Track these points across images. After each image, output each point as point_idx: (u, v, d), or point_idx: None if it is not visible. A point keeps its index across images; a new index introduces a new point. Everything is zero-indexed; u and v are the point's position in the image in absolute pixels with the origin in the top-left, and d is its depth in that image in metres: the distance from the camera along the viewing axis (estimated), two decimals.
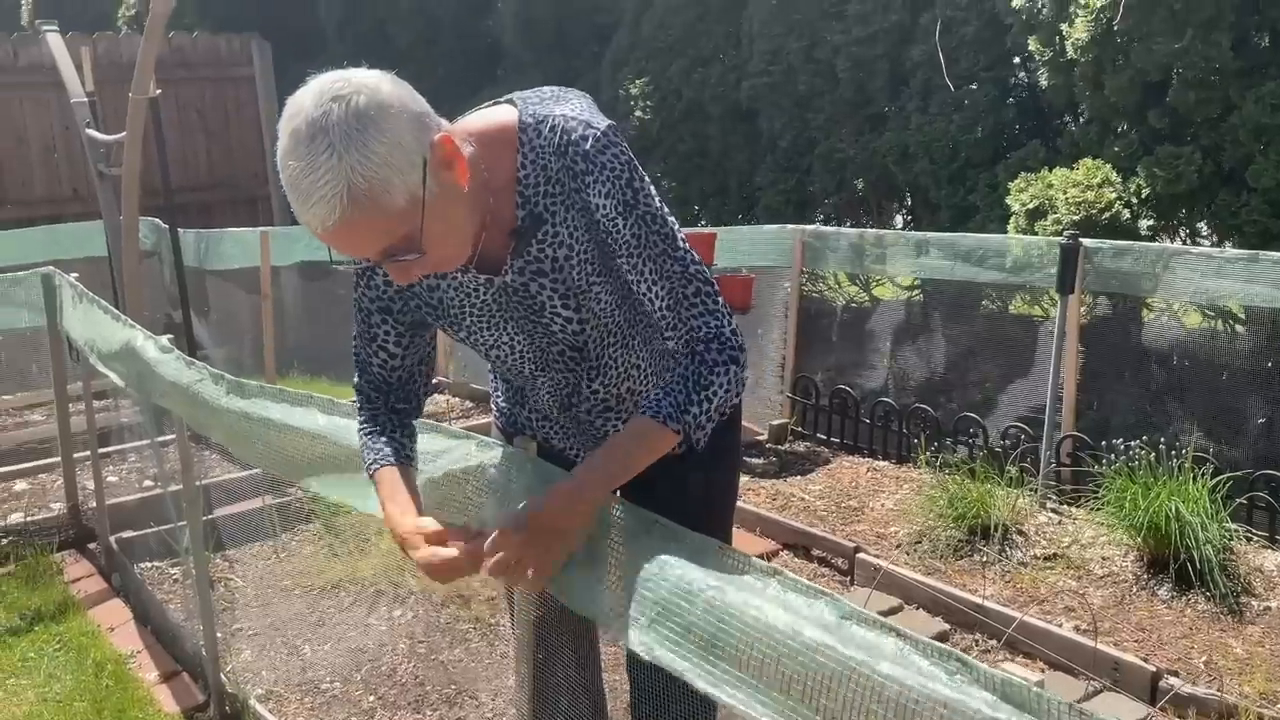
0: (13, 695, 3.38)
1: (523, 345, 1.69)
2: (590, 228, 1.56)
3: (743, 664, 1.37)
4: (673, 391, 1.53)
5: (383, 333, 1.71)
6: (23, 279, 4.24)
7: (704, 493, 1.86)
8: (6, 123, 8.08)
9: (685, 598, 1.42)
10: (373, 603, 3.83)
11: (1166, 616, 3.54)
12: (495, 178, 1.53)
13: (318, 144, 1.29)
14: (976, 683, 1.15)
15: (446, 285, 1.65)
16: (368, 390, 1.77)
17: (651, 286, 1.57)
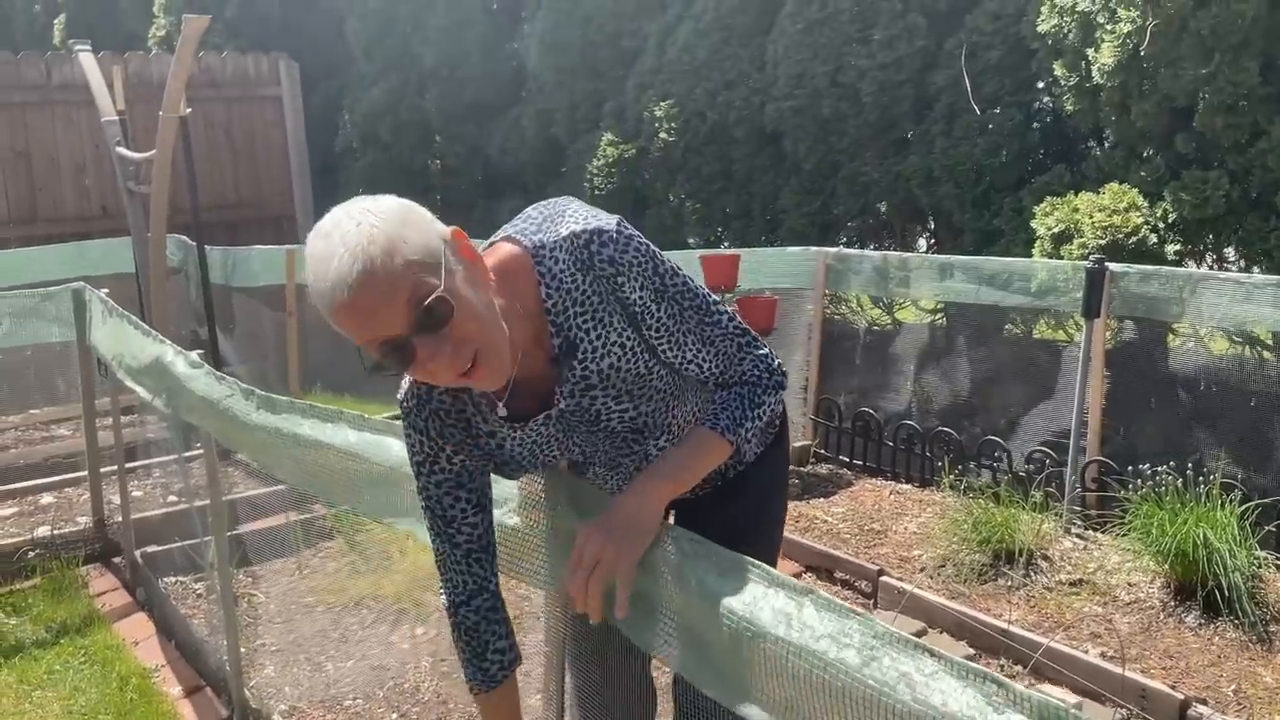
0: (38, 707, 3.40)
1: (587, 445, 1.72)
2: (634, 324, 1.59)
3: (777, 683, 1.38)
4: (729, 407, 1.65)
5: (458, 511, 1.71)
6: (54, 294, 4.29)
7: (754, 517, 1.88)
8: (39, 141, 8.18)
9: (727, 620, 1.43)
10: (395, 620, 3.83)
11: (1194, 644, 3.51)
12: (527, 306, 1.55)
13: (341, 225, 1.36)
14: (1012, 705, 1.15)
15: (511, 444, 1.67)
16: (453, 573, 1.77)
17: (698, 354, 1.65)
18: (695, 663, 1.54)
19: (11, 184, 8.07)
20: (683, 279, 1.60)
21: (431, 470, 1.68)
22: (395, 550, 4.29)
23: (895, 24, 5.87)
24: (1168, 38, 4.53)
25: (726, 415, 1.64)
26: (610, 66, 7.53)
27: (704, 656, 1.52)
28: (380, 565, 4.21)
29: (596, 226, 1.54)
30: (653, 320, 1.58)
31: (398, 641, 3.69)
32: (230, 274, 6.82)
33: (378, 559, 4.26)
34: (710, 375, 1.68)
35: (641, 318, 1.58)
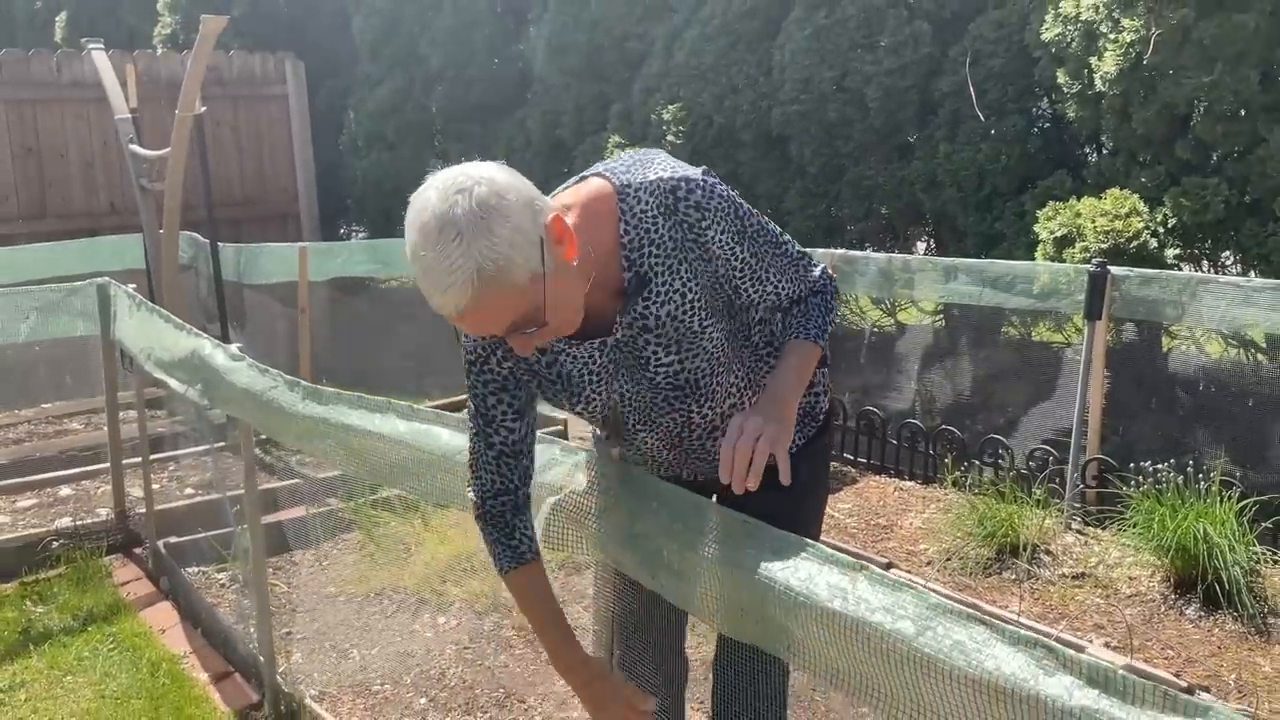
0: (71, 692, 3.48)
1: (631, 394, 1.81)
2: (700, 274, 1.70)
3: (830, 649, 1.48)
4: (813, 317, 1.84)
5: (500, 412, 1.80)
6: (79, 288, 4.37)
7: (801, 493, 1.97)
8: (48, 137, 8.24)
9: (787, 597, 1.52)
10: (416, 610, 3.92)
11: (1195, 635, 3.62)
12: (599, 243, 1.66)
13: (447, 234, 1.42)
14: (1063, 668, 1.25)
15: (565, 359, 1.77)
16: (485, 473, 1.85)
17: (778, 284, 1.81)
18: (751, 634, 1.64)
19: (21, 180, 8.13)
20: (758, 218, 1.75)
21: (482, 370, 1.78)
22: (413, 542, 4.38)
23: (901, 31, 5.98)
24: (1170, 47, 4.65)
25: (815, 326, 1.83)
26: (616, 69, 7.63)
27: (759, 631, 1.62)
28: (399, 557, 4.30)
29: (684, 175, 1.67)
30: (737, 261, 1.72)
31: (420, 630, 3.78)
32: (242, 271, 6.89)
33: (397, 550, 4.35)
34: (787, 299, 1.84)
35: (726, 259, 1.71)
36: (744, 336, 1.84)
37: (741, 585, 1.61)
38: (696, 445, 1.90)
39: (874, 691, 1.45)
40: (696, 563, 1.69)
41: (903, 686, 1.39)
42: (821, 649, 1.51)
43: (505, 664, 3.52)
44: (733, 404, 1.86)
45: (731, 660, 1.99)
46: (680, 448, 1.90)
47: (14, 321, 4.29)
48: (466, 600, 3.93)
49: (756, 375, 1.88)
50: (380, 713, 3.26)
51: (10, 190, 8.07)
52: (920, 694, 1.37)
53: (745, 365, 1.86)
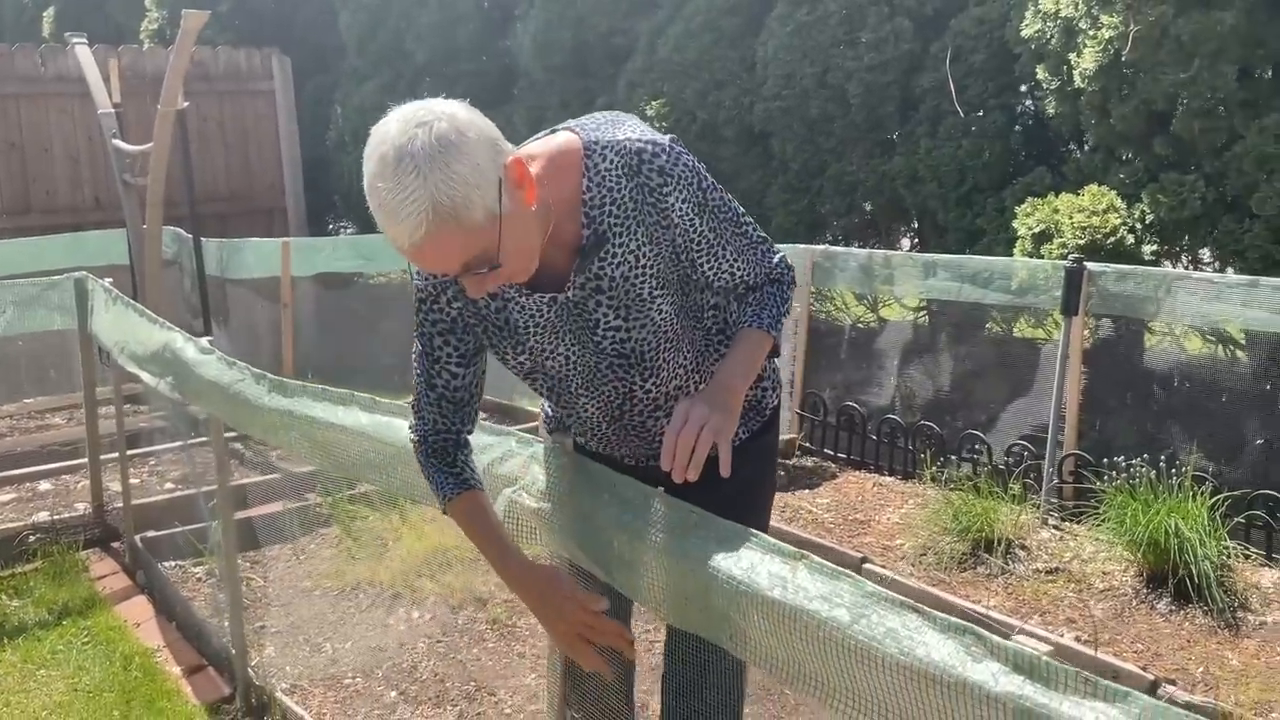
0: (44, 686, 3.48)
1: (575, 358, 1.80)
2: (658, 242, 1.70)
3: (770, 638, 1.49)
4: (767, 306, 1.83)
5: (445, 354, 1.80)
6: (57, 283, 4.37)
7: (746, 488, 1.97)
8: (33, 132, 8.23)
9: (729, 586, 1.53)
10: (391, 604, 3.93)
11: (1165, 629, 3.64)
12: (559, 197, 1.66)
13: (404, 166, 1.41)
14: (990, 654, 1.26)
15: (513, 307, 1.76)
16: (430, 412, 1.85)
17: (734, 264, 1.80)
18: (697, 623, 1.64)
19: (5, 175, 8.12)
20: (721, 194, 1.75)
21: (431, 308, 1.78)
22: (390, 537, 4.39)
23: (882, 27, 5.99)
24: (1148, 43, 4.66)
25: (768, 315, 1.82)
26: (601, 65, 7.63)
27: (703, 620, 1.63)
28: (376, 552, 4.31)
29: (651, 139, 1.68)
30: (695, 234, 1.72)
31: (394, 624, 3.79)
32: (225, 266, 6.89)
33: (373, 545, 4.35)
34: (744, 282, 1.83)
35: (682, 228, 1.70)
36: (696, 317, 1.83)
37: (687, 574, 1.62)
38: (637, 422, 1.89)
39: (811, 680, 1.46)
40: (644, 552, 1.70)
41: (838, 674, 1.40)
42: (762, 638, 1.52)
43: (477, 657, 3.53)
44: (678, 385, 1.86)
45: (681, 651, 2.00)
46: (621, 421, 1.89)
47: None
48: (441, 594, 3.94)
49: (705, 361, 1.88)
50: (350, 706, 3.27)
51: None
52: (855, 681, 1.38)
53: (695, 348, 1.86)
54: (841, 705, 1.42)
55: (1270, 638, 3.55)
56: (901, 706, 1.33)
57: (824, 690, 1.44)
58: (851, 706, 1.41)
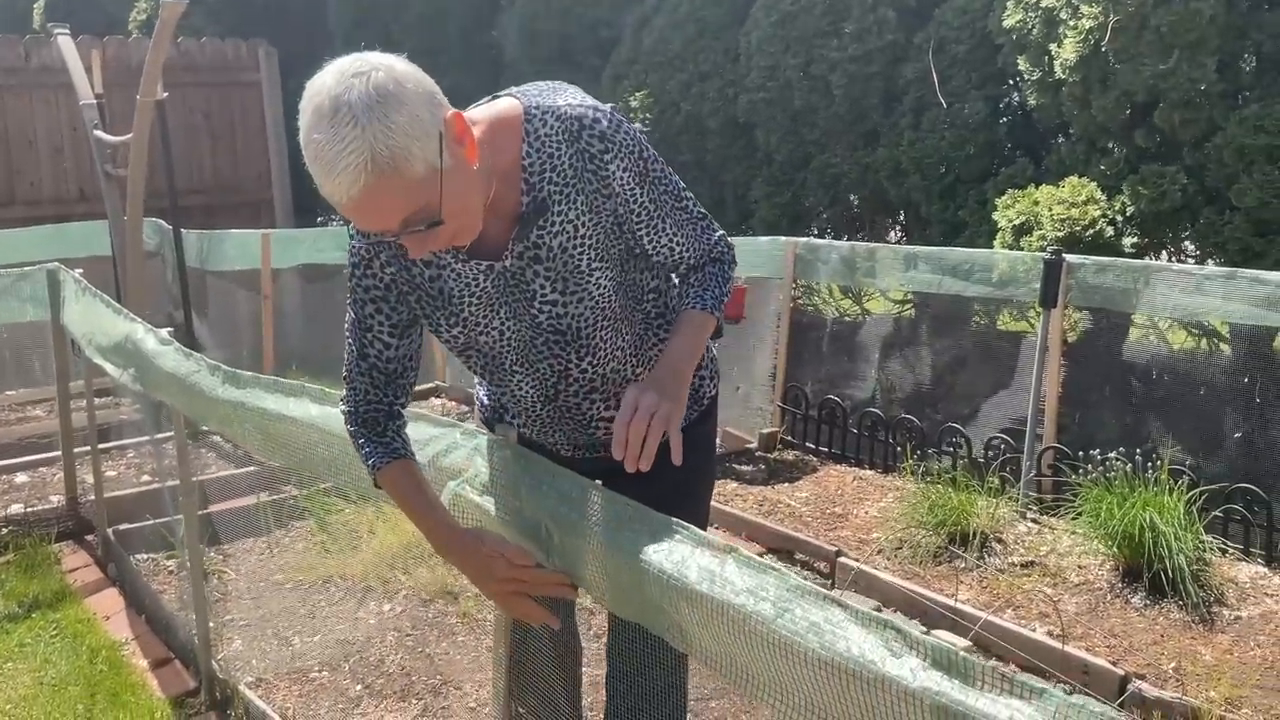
0: (9, 679, 3.46)
1: (511, 333, 1.76)
2: (598, 211, 1.66)
3: (703, 631, 1.47)
4: (709, 286, 1.80)
5: (376, 323, 1.76)
6: (29, 274, 4.34)
7: (685, 478, 1.94)
8: (16, 123, 8.19)
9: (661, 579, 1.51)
10: (362, 598, 3.91)
11: (1139, 624, 3.61)
12: (499, 162, 1.62)
13: (341, 117, 1.36)
14: (910, 649, 1.24)
15: (448, 275, 1.72)
16: (361, 382, 1.80)
17: (673, 238, 1.77)
18: (635, 614, 1.62)
19: None
20: (663, 166, 1.72)
21: (365, 274, 1.73)
22: (364, 530, 4.36)
23: (866, 17, 5.95)
24: (1128, 34, 4.63)
25: (710, 295, 1.79)
26: (587, 56, 7.60)
27: (642, 612, 1.61)
28: (349, 545, 4.28)
29: (591, 105, 1.65)
30: (635, 205, 1.69)
31: (365, 617, 3.77)
32: (205, 258, 6.86)
33: (347, 539, 4.33)
34: (683, 258, 1.80)
35: (622, 197, 1.67)
36: (635, 299, 1.80)
37: (622, 568, 1.60)
38: (572, 404, 1.85)
39: (742, 674, 1.44)
40: (580, 545, 1.68)
41: (765, 668, 1.38)
42: (696, 631, 1.50)
43: (446, 651, 3.51)
44: (614, 368, 1.83)
45: (624, 644, 1.98)
46: (555, 402, 1.85)
47: None
48: (413, 588, 3.91)
49: (644, 345, 1.85)
50: (315, 700, 3.25)
51: None
52: (779, 674, 1.36)
53: (634, 331, 1.83)
54: (769, 699, 1.40)
55: (1244, 633, 3.53)
56: (824, 702, 1.31)
57: (753, 685, 1.42)
58: (779, 701, 1.39)
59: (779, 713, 1.39)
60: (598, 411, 1.86)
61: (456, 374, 6.80)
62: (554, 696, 2.06)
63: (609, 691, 2.08)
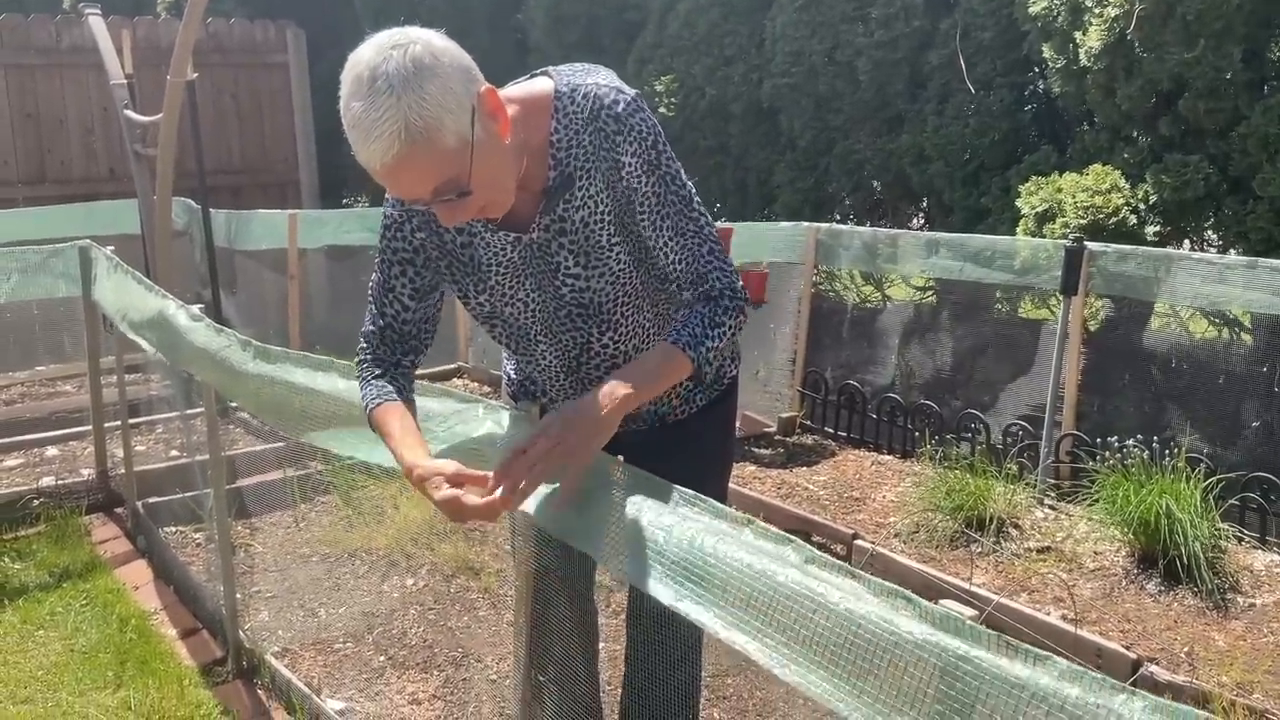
0: (41, 646, 3.54)
1: (536, 305, 1.82)
2: (614, 188, 1.71)
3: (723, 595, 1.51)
4: (690, 325, 1.70)
5: (400, 284, 1.83)
6: (61, 250, 4.42)
7: (702, 457, 1.99)
8: (48, 103, 8.28)
9: (675, 546, 1.55)
10: (386, 572, 3.98)
11: (1153, 610, 3.64)
12: (531, 140, 1.69)
13: (378, 86, 1.44)
14: (918, 616, 1.28)
15: (479, 243, 1.79)
16: (374, 338, 1.87)
17: (669, 242, 1.75)
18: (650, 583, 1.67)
19: (20, 145, 8.18)
20: (677, 168, 1.74)
21: (395, 235, 1.80)
22: (389, 505, 4.43)
23: (892, 3, 5.95)
24: (1154, 22, 4.62)
25: (687, 332, 1.68)
26: (613, 40, 7.62)
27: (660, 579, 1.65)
28: (374, 519, 4.35)
29: (616, 87, 1.70)
30: (639, 193, 1.71)
31: (388, 591, 3.84)
32: (233, 237, 6.93)
33: (372, 513, 4.40)
34: (676, 270, 1.75)
35: (628, 183, 1.70)
36: (660, 278, 1.82)
37: (639, 537, 1.64)
38: (593, 377, 1.90)
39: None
40: (602, 518, 1.72)
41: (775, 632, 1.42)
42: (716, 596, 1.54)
43: (467, 625, 3.57)
44: (636, 345, 1.87)
45: (642, 618, 2.03)
46: (578, 374, 1.90)
47: None
48: (436, 563, 3.98)
49: (667, 326, 1.89)
50: (338, 670, 3.32)
51: (10, 155, 8.13)
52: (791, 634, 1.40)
53: (657, 310, 1.86)
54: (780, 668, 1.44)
55: (1258, 620, 3.55)
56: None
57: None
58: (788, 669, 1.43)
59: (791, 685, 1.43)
60: None
61: (479, 355, 6.86)
62: (573, 666, 2.11)
63: (628, 663, 2.14)
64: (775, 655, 1.42)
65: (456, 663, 3.33)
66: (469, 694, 3.18)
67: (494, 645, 3.43)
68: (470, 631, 3.53)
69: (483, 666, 3.31)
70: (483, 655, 3.37)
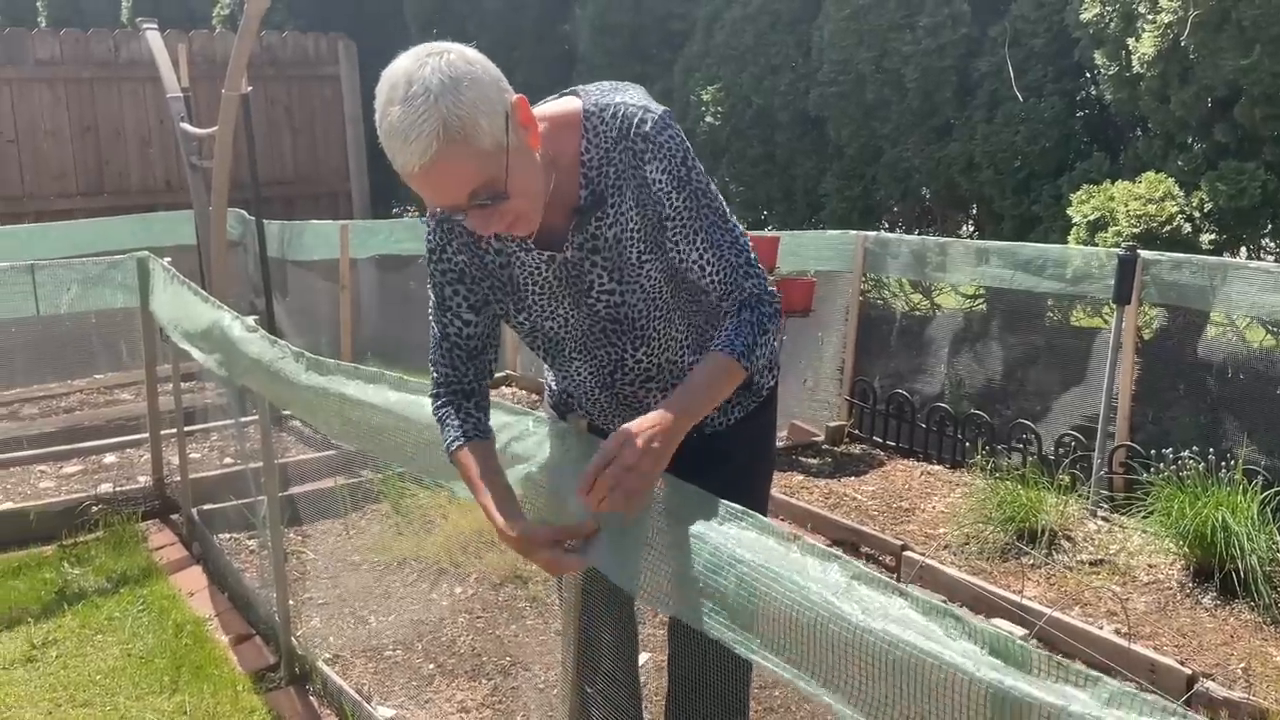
0: (99, 650, 3.61)
1: (572, 321, 1.85)
2: (644, 206, 1.73)
3: (766, 622, 1.51)
4: (742, 334, 1.72)
5: (456, 302, 1.86)
6: (120, 262, 4.50)
7: (743, 469, 1.99)
8: (106, 115, 8.45)
9: (724, 565, 1.56)
10: (435, 580, 4.01)
11: (1209, 624, 3.58)
12: (560, 157, 1.72)
13: (415, 90, 1.48)
14: (966, 635, 1.27)
15: (515, 263, 1.82)
16: (443, 365, 1.90)
17: (704, 254, 1.76)
18: (696, 608, 1.67)
19: (79, 157, 8.36)
20: (707, 182, 1.76)
21: (440, 259, 1.85)
22: (438, 515, 4.47)
23: (940, 11, 5.92)
24: (1208, 28, 4.56)
25: (741, 342, 1.70)
26: (659, 49, 7.64)
27: (700, 602, 1.65)
28: (423, 528, 4.39)
29: (644, 105, 1.72)
30: (669, 208, 1.73)
31: (437, 599, 3.87)
32: (286, 248, 7.03)
33: (421, 522, 4.44)
34: (712, 282, 1.77)
35: (658, 200, 1.72)
36: (692, 293, 1.83)
37: (683, 555, 1.65)
38: (628, 391, 1.92)
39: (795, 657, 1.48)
40: (641, 533, 1.73)
41: (823, 655, 1.42)
42: (761, 622, 1.54)
43: (515, 634, 3.59)
44: (669, 358, 1.88)
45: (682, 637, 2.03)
46: (612, 389, 1.92)
47: (56, 293, 4.43)
48: (484, 571, 4.00)
49: (705, 338, 1.90)
50: (388, 677, 3.35)
51: (69, 167, 8.30)
52: (838, 662, 1.40)
53: (690, 323, 1.88)
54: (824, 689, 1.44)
55: None
56: (880, 691, 1.34)
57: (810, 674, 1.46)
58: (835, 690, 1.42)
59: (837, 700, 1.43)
60: (654, 400, 1.91)
61: (527, 364, 6.90)
62: (617, 676, 2.12)
63: (671, 675, 2.14)
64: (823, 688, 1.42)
65: (505, 671, 3.36)
66: (517, 703, 3.20)
67: (541, 654, 3.45)
68: (518, 640, 3.55)
69: (530, 675, 3.33)
70: (530, 664, 3.39)
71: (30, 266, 4.43)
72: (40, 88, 8.18)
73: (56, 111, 8.25)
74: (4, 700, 3.29)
